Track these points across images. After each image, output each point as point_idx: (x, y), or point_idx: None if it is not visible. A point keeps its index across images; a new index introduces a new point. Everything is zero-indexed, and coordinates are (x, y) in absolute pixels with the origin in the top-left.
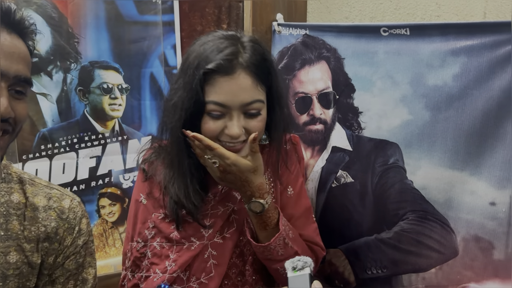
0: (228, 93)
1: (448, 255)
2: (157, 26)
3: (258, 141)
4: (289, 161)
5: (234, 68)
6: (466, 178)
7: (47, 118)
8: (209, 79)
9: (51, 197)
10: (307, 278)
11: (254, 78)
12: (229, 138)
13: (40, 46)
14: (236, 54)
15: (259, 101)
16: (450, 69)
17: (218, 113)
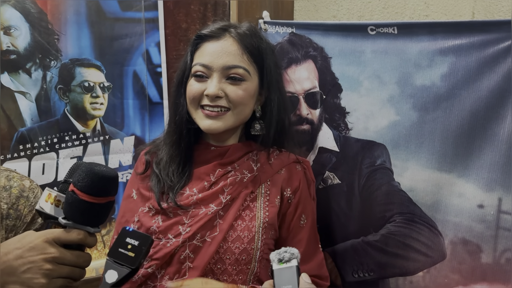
0: (211, 54)
1: (436, 259)
2: (140, 23)
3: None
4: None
5: (223, 35)
6: (454, 180)
7: (26, 117)
8: (200, 46)
9: (11, 178)
10: (294, 270)
11: (241, 46)
12: (208, 100)
13: (18, 43)
14: (229, 26)
15: (241, 68)
16: (438, 69)
17: (201, 73)
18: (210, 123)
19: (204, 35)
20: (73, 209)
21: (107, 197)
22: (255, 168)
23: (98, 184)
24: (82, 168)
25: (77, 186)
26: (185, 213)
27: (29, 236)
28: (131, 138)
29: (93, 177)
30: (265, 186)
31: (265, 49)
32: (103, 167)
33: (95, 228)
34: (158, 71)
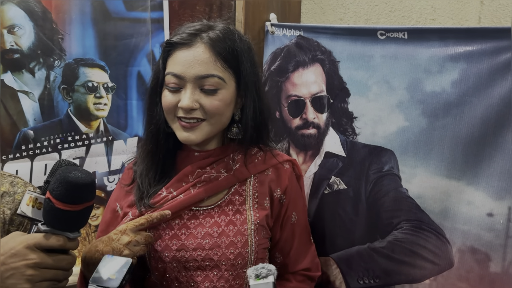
0: (183, 64)
1: (443, 266)
2: (146, 23)
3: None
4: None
5: (194, 41)
6: (463, 187)
7: (29, 117)
8: (172, 53)
9: (15, 184)
10: (270, 286)
11: (213, 53)
12: (183, 112)
13: (22, 42)
14: (200, 31)
15: (215, 76)
16: (448, 75)
17: (174, 85)
18: (187, 135)
19: (175, 43)
20: (51, 216)
21: (83, 204)
22: (233, 168)
23: (73, 193)
24: (57, 176)
25: (52, 194)
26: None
27: (11, 242)
28: (135, 139)
29: (67, 185)
30: (253, 188)
31: (241, 50)
32: (78, 173)
33: (74, 233)
34: None
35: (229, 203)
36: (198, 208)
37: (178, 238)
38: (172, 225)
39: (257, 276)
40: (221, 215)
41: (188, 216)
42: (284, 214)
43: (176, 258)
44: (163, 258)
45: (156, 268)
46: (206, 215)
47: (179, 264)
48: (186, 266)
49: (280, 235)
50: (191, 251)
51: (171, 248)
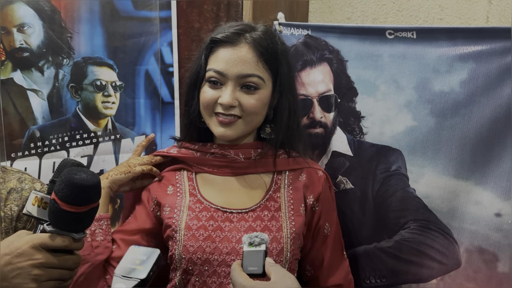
0: (227, 62)
1: (450, 266)
2: (154, 22)
3: (255, 125)
4: (322, 190)
5: (238, 41)
6: (471, 187)
7: (38, 115)
8: (215, 50)
9: (23, 180)
10: (261, 254)
11: (256, 54)
12: (222, 108)
13: (31, 41)
14: (245, 31)
15: (257, 76)
16: (457, 75)
17: (215, 80)
18: (224, 130)
19: (219, 40)
20: (56, 217)
21: (88, 205)
22: (253, 157)
23: (78, 194)
24: (62, 177)
25: (58, 195)
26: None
27: (17, 241)
28: (142, 138)
29: (73, 187)
30: (287, 195)
31: (281, 52)
32: (83, 175)
33: (80, 234)
34: (170, 70)
35: (264, 209)
36: (231, 211)
37: (212, 240)
38: (206, 226)
39: (251, 244)
40: (256, 220)
41: (222, 219)
42: (316, 223)
43: (209, 260)
44: (195, 259)
45: (185, 270)
46: (240, 219)
47: (210, 267)
48: (218, 270)
49: (311, 245)
50: (224, 255)
51: (205, 250)
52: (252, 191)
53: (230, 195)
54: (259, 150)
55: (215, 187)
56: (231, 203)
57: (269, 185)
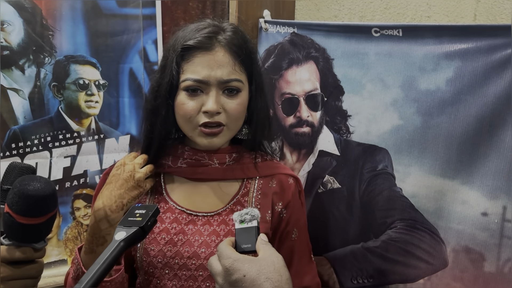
0: (205, 69)
1: (437, 266)
2: (137, 19)
3: (237, 130)
4: (292, 197)
5: (212, 45)
6: (457, 187)
7: (19, 115)
8: (187, 57)
9: None
10: (254, 230)
11: (233, 56)
12: (207, 117)
13: (11, 39)
14: (216, 33)
15: (237, 81)
16: (443, 73)
17: (195, 88)
18: (209, 141)
19: (192, 46)
20: (13, 231)
21: (46, 215)
22: (228, 162)
23: (34, 206)
24: (15, 189)
25: (12, 209)
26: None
27: None
28: (127, 137)
29: (27, 199)
30: (255, 200)
31: (252, 50)
32: (37, 184)
33: (40, 243)
34: (155, 69)
35: (229, 213)
36: (197, 214)
37: (174, 244)
38: (169, 229)
39: (242, 221)
40: (221, 224)
41: (186, 222)
42: (283, 229)
43: (169, 264)
44: (155, 263)
45: (146, 272)
46: (205, 222)
47: (171, 271)
48: (178, 274)
49: (278, 251)
50: (185, 259)
51: (165, 254)
52: (220, 194)
53: (197, 198)
54: (234, 155)
55: (183, 189)
56: (197, 206)
57: (237, 189)
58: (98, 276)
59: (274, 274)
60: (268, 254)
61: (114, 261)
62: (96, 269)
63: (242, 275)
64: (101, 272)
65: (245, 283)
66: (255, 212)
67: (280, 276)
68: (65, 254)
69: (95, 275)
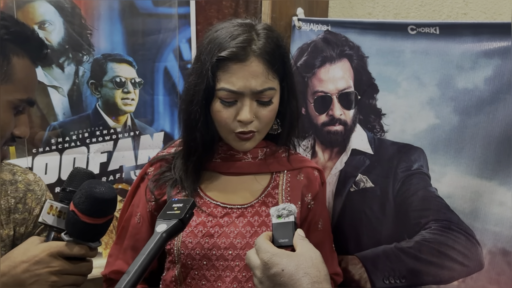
0: (240, 80)
1: (472, 268)
2: (173, 18)
3: (269, 129)
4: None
5: (247, 55)
6: (495, 188)
7: (58, 112)
8: (222, 66)
9: (15, 172)
10: (291, 225)
11: (266, 65)
12: (241, 126)
13: (52, 38)
14: (250, 42)
15: (270, 89)
16: (482, 72)
17: (231, 100)
18: (243, 144)
19: (226, 58)
20: (75, 228)
21: (106, 217)
22: (260, 157)
23: (98, 207)
24: (82, 190)
25: (77, 208)
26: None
27: (34, 249)
28: (161, 134)
29: (93, 201)
30: (285, 192)
31: (285, 55)
32: (102, 188)
33: (96, 243)
34: (189, 67)
35: (262, 205)
36: (231, 207)
37: (210, 236)
38: (205, 222)
39: (279, 216)
40: (254, 215)
41: (222, 214)
42: (311, 219)
43: (207, 256)
44: (194, 255)
45: (184, 264)
46: (240, 214)
47: (209, 262)
48: (216, 264)
49: None
50: (222, 250)
51: (203, 246)
52: (252, 188)
53: (231, 192)
54: (265, 149)
55: (217, 185)
56: (231, 199)
57: (268, 182)
58: (144, 267)
59: (312, 269)
60: (306, 249)
61: (158, 252)
62: (141, 260)
63: (281, 269)
64: (146, 263)
65: (284, 277)
66: (292, 208)
67: (319, 272)
68: (100, 247)
69: (140, 266)
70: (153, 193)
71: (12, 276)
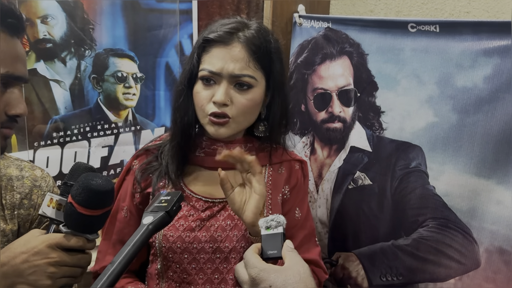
0: (220, 61)
1: (469, 266)
2: (174, 14)
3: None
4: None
5: (231, 40)
6: (492, 186)
7: (60, 105)
8: (207, 49)
9: (22, 168)
10: (280, 236)
11: (248, 53)
12: (215, 107)
13: (54, 32)
14: (238, 29)
15: (249, 77)
16: (481, 70)
17: (208, 77)
18: (216, 129)
19: (212, 39)
20: (72, 220)
21: (103, 209)
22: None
23: (94, 199)
24: (79, 182)
25: (75, 199)
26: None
27: (33, 240)
28: (161, 129)
29: (90, 192)
30: (267, 186)
31: (274, 51)
32: (99, 181)
33: (93, 235)
34: None
35: None
36: (213, 200)
37: (191, 229)
38: (187, 216)
39: (268, 228)
40: None
41: (203, 208)
42: (288, 209)
43: (188, 249)
44: (175, 248)
45: (165, 258)
46: (221, 208)
47: (190, 256)
48: (197, 258)
49: None
50: (203, 243)
51: (185, 240)
52: (234, 182)
53: (213, 186)
54: (249, 145)
55: (200, 179)
56: (213, 193)
57: None
58: (128, 258)
59: (300, 284)
60: (294, 263)
61: (143, 244)
62: (126, 251)
63: (268, 285)
64: (130, 255)
65: None
66: (281, 219)
67: (306, 286)
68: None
69: (125, 258)
70: (139, 184)
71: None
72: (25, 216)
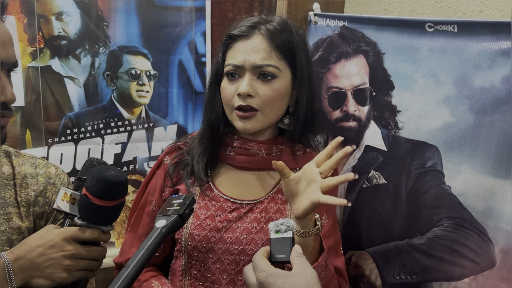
0: (242, 54)
1: (484, 266)
2: (188, 12)
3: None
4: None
5: (252, 33)
6: (509, 186)
7: (74, 102)
8: (231, 46)
9: (37, 166)
10: (289, 241)
11: (270, 44)
12: (240, 100)
13: (69, 29)
14: (259, 23)
15: (272, 66)
16: (499, 71)
17: (233, 72)
18: (243, 124)
19: (234, 35)
20: (87, 211)
21: (117, 200)
22: (274, 153)
23: (108, 190)
24: (93, 174)
25: (89, 191)
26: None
27: (49, 234)
28: (174, 127)
29: (104, 183)
30: None
31: (297, 43)
32: (113, 172)
33: (108, 227)
34: (203, 60)
35: (271, 201)
36: (241, 202)
37: (218, 230)
38: (214, 216)
39: (277, 231)
40: (262, 212)
41: (231, 209)
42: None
43: (213, 249)
44: (200, 247)
45: (190, 256)
46: (248, 210)
47: (215, 256)
48: (221, 258)
49: None
50: (228, 244)
51: (210, 240)
52: (263, 183)
53: (241, 187)
54: (280, 146)
55: (229, 178)
56: (241, 194)
57: (278, 179)
58: (142, 262)
59: None
60: (302, 269)
61: (157, 247)
62: (140, 254)
63: None
64: (145, 258)
65: None
66: (291, 223)
67: None
68: (113, 237)
69: (139, 261)
70: (171, 178)
71: (28, 259)
72: (40, 214)
